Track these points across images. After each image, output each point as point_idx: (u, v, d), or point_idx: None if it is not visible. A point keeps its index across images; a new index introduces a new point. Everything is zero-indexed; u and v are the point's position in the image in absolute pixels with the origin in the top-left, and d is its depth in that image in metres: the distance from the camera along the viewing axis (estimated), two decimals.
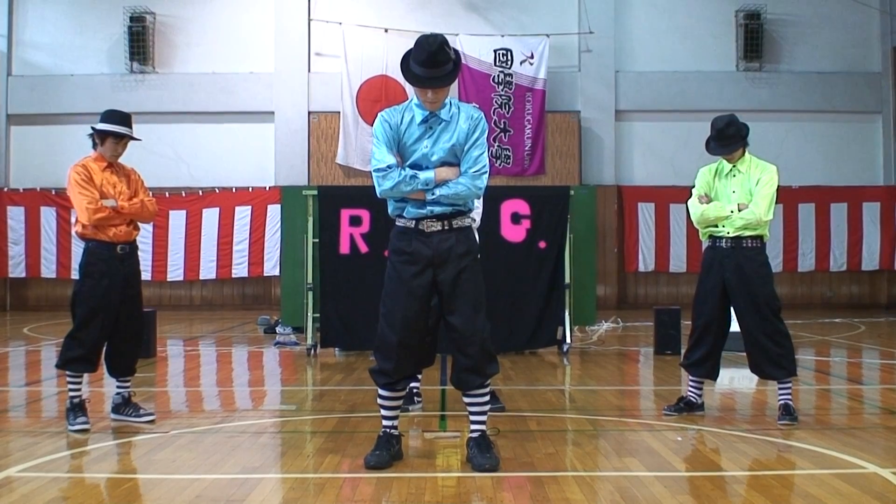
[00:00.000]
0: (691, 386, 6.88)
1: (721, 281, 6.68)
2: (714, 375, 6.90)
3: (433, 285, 5.17)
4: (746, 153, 7.02)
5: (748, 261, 6.62)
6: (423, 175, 5.11)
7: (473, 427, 5.22)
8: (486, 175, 5.25)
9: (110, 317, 6.36)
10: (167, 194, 19.57)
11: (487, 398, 5.27)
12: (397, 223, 5.26)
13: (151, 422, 6.38)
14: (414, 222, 5.18)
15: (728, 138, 6.91)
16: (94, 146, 6.63)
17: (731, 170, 6.97)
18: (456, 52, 5.20)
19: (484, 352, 5.12)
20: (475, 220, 5.69)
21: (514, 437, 5.95)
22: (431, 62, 5.02)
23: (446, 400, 7.48)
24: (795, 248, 19.90)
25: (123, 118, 6.61)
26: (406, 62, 5.13)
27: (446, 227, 5.17)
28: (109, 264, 6.38)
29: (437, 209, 5.16)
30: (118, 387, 6.56)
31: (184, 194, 19.60)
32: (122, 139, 6.59)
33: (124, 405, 6.51)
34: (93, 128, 6.56)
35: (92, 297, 6.33)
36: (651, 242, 19.90)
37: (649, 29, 20.07)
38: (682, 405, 6.86)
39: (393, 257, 5.26)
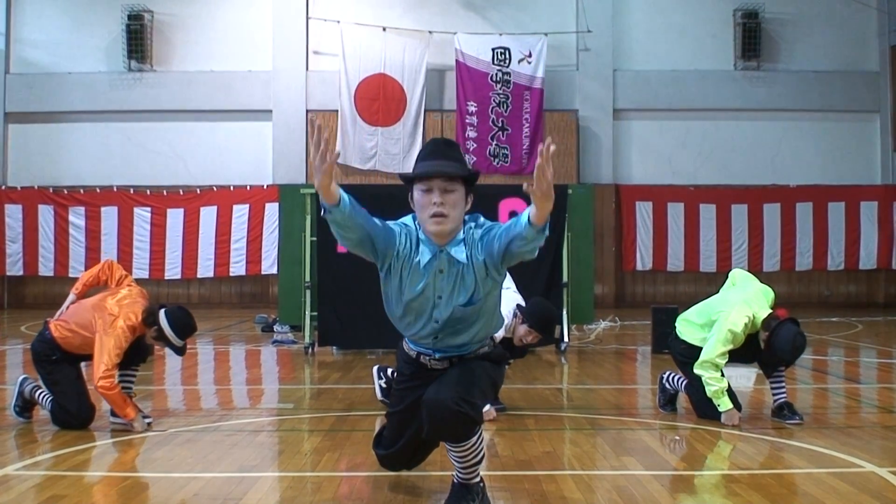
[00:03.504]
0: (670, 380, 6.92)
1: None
2: None
3: None
4: None
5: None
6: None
7: (456, 474, 4.23)
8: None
9: (73, 366, 6.35)
10: (165, 192, 19.59)
11: (474, 448, 4.09)
12: (402, 344, 4.37)
13: (148, 425, 6.28)
14: (415, 353, 4.27)
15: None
16: (150, 324, 6.21)
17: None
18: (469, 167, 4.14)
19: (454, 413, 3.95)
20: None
21: (512, 436, 5.95)
22: (439, 152, 4.02)
23: None
24: (793, 246, 19.93)
25: (192, 329, 6.35)
26: (409, 184, 4.06)
27: (455, 363, 4.22)
28: (62, 352, 6.29)
29: (441, 355, 4.22)
30: (122, 383, 6.45)
31: (181, 192, 19.60)
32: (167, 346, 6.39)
33: None
34: (161, 325, 6.19)
35: (51, 378, 6.27)
36: (649, 241, 19.91)
37: (647, 28, 20.09)
38: (665, 401, 6.92)
39: (397, 376, 4.51)
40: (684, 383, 6.73)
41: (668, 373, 6.95)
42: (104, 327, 6.08)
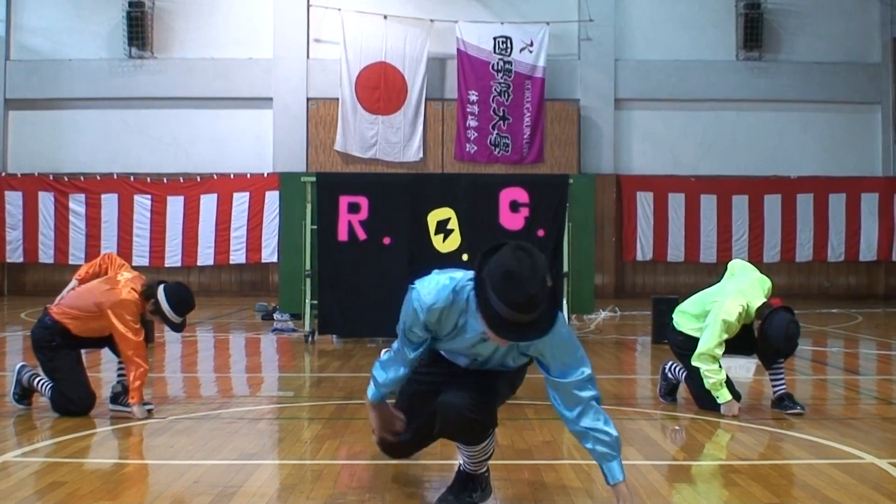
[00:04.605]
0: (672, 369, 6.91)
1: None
2: None
3: None
4: None
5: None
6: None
7: (463, 463, 4.15)
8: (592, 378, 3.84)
9: (74, 353, 6.36)
10: (165, 180, 19.57)
11: (485, 448, 4.06)
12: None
13: (149, 412, 6.28)
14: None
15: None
16: (147, 297, 6.19)
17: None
18: (552, 283, 3.64)
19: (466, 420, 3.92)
20: None
21: (512, 426, 5.94)
22: (529, 305, 3.47)
23: None
24: (793, 237, 19.92)
25: (189, 307, 6.29)
26: (483, 291, 3.52)
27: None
28: (64, 338, 6.28)
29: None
30: (120, 373, 6.47)
31: (182, 180, 19.59)
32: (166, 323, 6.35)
33: (124, 394, 6.45)
34: (159, 299, 6.15)
35: (52, 365, 6.27)
36: (649, 231, 19.90)
37: (649, 17, 20.03)
38: (666, 390, 6.91)
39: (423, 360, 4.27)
40: (684, 374, 6.72)
41: (670, 363, 6.94)
42: (111, 303, 6.10)
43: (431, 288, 3.76)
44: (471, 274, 3.70)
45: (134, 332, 6.09)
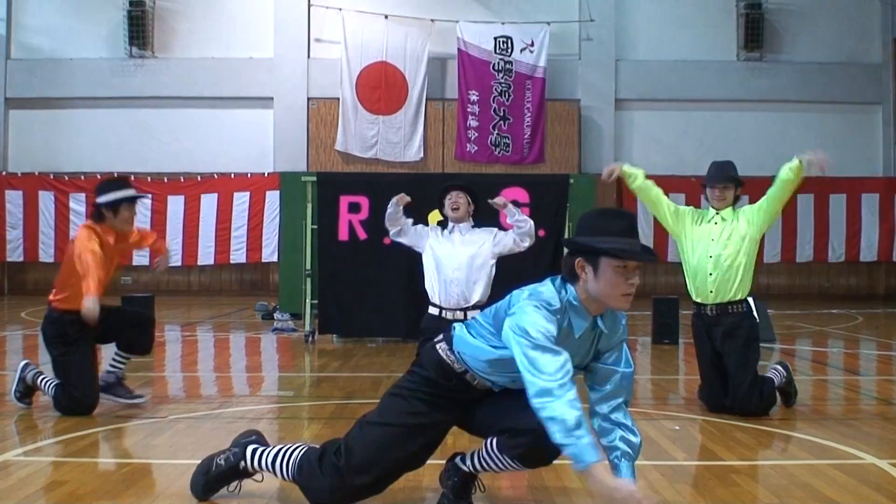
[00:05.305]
0: None
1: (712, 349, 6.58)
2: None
3: (454, 421, 4.07)
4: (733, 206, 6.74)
5: (736, 327, 6.51)
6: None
7: (475, 465, 4.08)
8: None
9: (89, 350, 6.37)
10: (166, 179, 19.58)
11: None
12: (444, 355, 3.92)
13: (139, 400, 6.32)
14: (463, 369, 3.90)
15: (726, 173, 6.59)
16: (99, 217, 6.25)
17: (713, 217, 6.79)
18: None
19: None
20: None
21: None
22: (632, 228, 3.67)
23: None
24: (794, 238, 19.92)
25: (123, 181, 6.42)
26: (588, 248, 3.60)
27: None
28: (76, 328, 6.24)
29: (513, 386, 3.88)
30: (113, 364, 6.51)
31: (182, 179, 19.59)
32: (134, 202, 6.35)
33: (117, 385, 6.50)
34: (99, 203, 6.22)
35: (63, 359, 6.26)
36: (650, 231, 19.83)
37: (650, 17, 20.04)
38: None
39: (418, 380, 3.96)
40: None
41: None
42: (74, 243, 6.19)
43: (538, 294, 3.75)
44: (548, 280, 3.83)
45: (90, 252, 6.02)
